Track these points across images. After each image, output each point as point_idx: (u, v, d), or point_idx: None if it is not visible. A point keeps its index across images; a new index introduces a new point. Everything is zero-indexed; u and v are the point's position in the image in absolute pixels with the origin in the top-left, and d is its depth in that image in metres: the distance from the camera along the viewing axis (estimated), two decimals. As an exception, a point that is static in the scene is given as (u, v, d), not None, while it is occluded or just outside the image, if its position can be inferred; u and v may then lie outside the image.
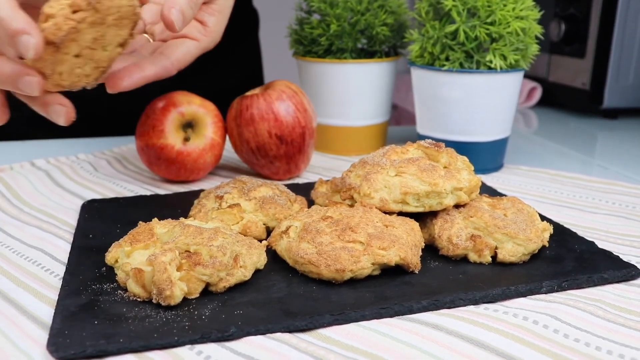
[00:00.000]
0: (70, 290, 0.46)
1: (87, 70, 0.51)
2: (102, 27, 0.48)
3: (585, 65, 1.13)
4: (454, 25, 0.73)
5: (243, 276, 0.47)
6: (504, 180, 0.78)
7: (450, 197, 0.54)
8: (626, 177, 0.81)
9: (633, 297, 0.48)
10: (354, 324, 0.43)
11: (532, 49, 0.76)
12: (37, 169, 0.78)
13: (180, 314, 0.43)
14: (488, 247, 0.52)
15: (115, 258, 0.47)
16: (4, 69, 0.49)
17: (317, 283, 0.48)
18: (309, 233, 0.50)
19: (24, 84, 0.49)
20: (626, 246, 0.58)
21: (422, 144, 0.58)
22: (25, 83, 0.49)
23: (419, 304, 0.45)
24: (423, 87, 0.79)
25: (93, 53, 0.50)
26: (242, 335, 0.41)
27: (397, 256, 0.48)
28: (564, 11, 1.16)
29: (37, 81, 0.48)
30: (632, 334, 0.43)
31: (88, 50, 0.49)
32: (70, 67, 0.50)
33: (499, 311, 0.45)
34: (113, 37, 0.50)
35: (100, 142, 0.93)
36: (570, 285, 0.49)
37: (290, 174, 0.76)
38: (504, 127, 0.79)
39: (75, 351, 0.39)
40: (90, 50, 0.50)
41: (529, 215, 0.55)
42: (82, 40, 0.48)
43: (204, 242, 0.46)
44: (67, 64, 0.49)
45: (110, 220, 0.60)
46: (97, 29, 0.48)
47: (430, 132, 0.80)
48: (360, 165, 0.58)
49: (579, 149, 0.95)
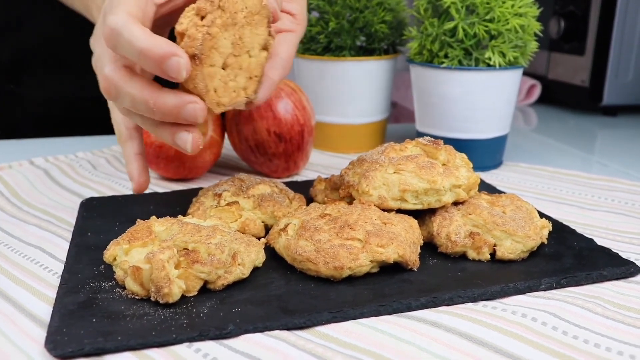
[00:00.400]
0: (69, 288, 0.46)
1: (241, 82, 0.50)
2: (236, 27, 0.48)
3: (585, 62, 1.13)
4: (453, 23, 0.73)
5: (241, 274, 0.47)
6: (503, 177, 0.78)
7: (448, 195, 0.54)
8: (626, 174, 0.81)
9: (632, 294, 0.48)
10: (353, 321, 0.43)
11: (531, 46, 0.76)
12: (35, 167, 0.78)
13: (179, 311, 0.43)
14: (487, 245, 0.52)
15: (114, 256, 0.47)
16: (168, 101, 0.47)
17: (315, 280, 0.48)
18: (307, 230, 0.50)
19: (188, 113, 0.47)
20: (625, 243, 0.58)
21: (421, 142, 0.58)
22: (190, 111, 0.47)
23: (418, 301, 0.45)
24: (422, 85, 0.79)
25: (239, 61, 0.49)
26: (240, 332, 0.41)
27: (396, 253, 0.48)
28: (564, 8, 1.16)
29: (200, 108, 0.47)
30: (631, 331, 0.43)
31: (233, 59, 0.48)
32: (223, 81, 0.49)
33: (497, 308, 0.45)
34: (252, 38, 0.49)
35: (99, 141, 0.92)
36: (569, 282, 0.49)
37: (289, 171, 0.76)
38: (503, 124, 0.79)
39: (73, 349, 0.39)
40: (235, 57, 0.49)
41: (527, 212, 0.55)
42: (222, 46, 0.47)
43: (202, 240, 0.46)
44: (218, 78, 0.48)
45: (109, 218, 0.60)
46: (232, 32, 0.48)
47: (429, 130, 0.80)
48: (358, 163, 0.58)
49: (578, 146, 0.95)
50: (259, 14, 0.49)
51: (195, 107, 0.47)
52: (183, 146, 0.49)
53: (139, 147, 0.56)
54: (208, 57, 0.47)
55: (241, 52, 0.49)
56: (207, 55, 0.47)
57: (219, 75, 0.48)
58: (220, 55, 0.48)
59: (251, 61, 0.50)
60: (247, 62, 0.50)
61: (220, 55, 0.48)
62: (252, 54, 0.50)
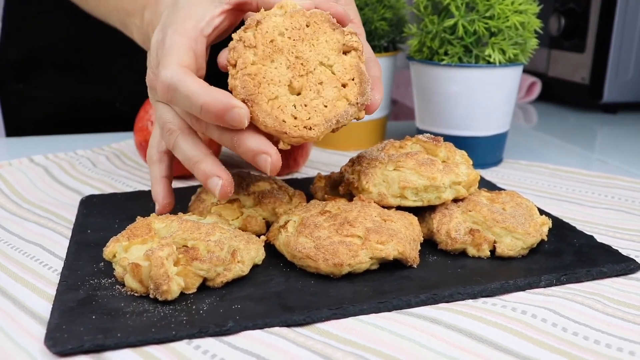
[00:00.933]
0: (68, 286, 0.46)
1: (329, 94, 0.48)
2: (283, 52, 0.48)
3: (585, 60, 1.13)
4: (453, 20, 0.73)
5: (241, 271, 0.47)
6: (503, 174, 0.77)
7: (448, 191, 0.54)
8: (626, 171, 0.81)
9: (632, 291, 0.48)
10: (352, 318, 0.43)
11: (531, 43, 0.76)
12: (35, 164, 0.78)
13: (178, 308, 0.43)
14: (487, 241, 0.52)
15: (113, 253, 0.47)
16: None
17: (315, 277, 0.48)
18: (307, 227, 0.50)
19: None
20: (625, 240, 0.58)
21: (421, 138, 0.58)
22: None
23: (418, 298, 0.45)
24: (422, 82, 0.79)
25: (315, 76, 0.48)
26: (239, 329, 0.41)
27: (396, 250, 0.48)
28: (564, 5, 1.15)
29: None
30: (631, 327, 0.43)
31: (302, 79, 0.48)
32: (302, 104, 0.48)
33: (497, 305, 0.45)
34: (317, 49, 0.49)
35: (98, 138, 0.92)
36: (569, 279, 0.49)
37: (289, 169, 0.76)
38: (503, 121, 0.79)
39: (73, 346, 0.39)
40: (304, 77, 0.48)
41: (527, 209, 0.55)
42: (274, 76, 0.47)
43: (202, 237, 0.46)
44: (291, 105, 0.47)
45: (109, 216, 0.60)
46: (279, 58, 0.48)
47: (429, 127, 0.80)
48: (358, 160, 0.58)
49: (578, 144, 0.95)
50: (312, 25, 0.49)
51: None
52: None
53: (167, 171, 0.57)
54: (260, 94, 0.47)
55: (307, 68, 0.48)
56: (257, 94, 0.47)
57: (292, 101, 0.48)
58: (278, 84, 0.47)
59: (334, 69, 0.49)
60: (327, 72, 0.49)
61: (278, 84, 0.47)
62: (329, 63, 0.49)
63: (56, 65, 0.98)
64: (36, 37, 0.97)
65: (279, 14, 0.49)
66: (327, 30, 0.49)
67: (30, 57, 0.98)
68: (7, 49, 1.00)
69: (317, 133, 0.48)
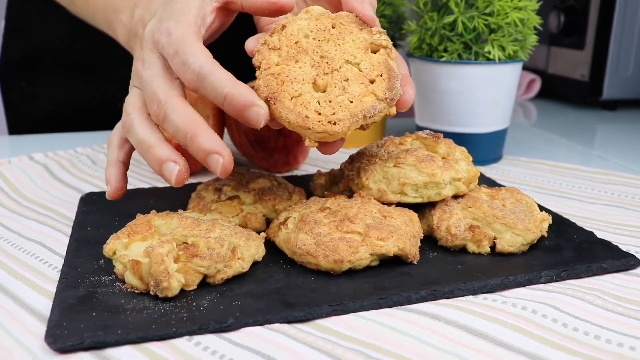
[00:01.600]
0: (69, 283, 0.46)
1: (355, 90, 0.48)
2: (307, 52, 0.48)
3: (585, 56, 1.13)
4: (452, 16, 0.73)
5: (241, 268, 0.47)
6: (503, 171, 0.77)
7: (448, 188, 0.54)
8: (625, 167, 0.81)
9: (632, 287, 0.48)
10: (353, 314, 0.43)
11: (530, 40, 0.76)
12: (35, 162, 0.78)
13: (179, 305, 0.43)
14: (487, 238, 0.52)
15: (113, 250, 0.47)
16: (201, 144, 0.47)
17: (315, 274, 0.48)
18: (307, 224, 0.50)
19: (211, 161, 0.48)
20: (625, 236, 0.58)
21: (420, 135, 0.58)
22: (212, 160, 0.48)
23: (418, 294, 0.45)
24: (421, 79, 0.79)
25: (340, 74, 0.48)
26: (240, 326, 0.41)
27: (396, 247, 0.48)
28: (563, 2, 1.15)
29: (226, 162, 0.47)
30: (631, 322, 0.43)
31: (327, 77, 0.48)
32: (327, 100, 0.48)
33: (497, 301, 0.45)
34: (343, 48, 0.49)
35: (98, 136, 0.92)
36: (569, 275, 0.49)
37: (289, 166, 0.76)
38: (503, 118, 0.78)
39: (73, 343, 0.39)
40: (329, 74, 0.48)
41: (527, 205, 0.55)
42: (298, 75, 0.48)
43: (202, 234, 0.46)
44: (315, 102, 0.47)
45: (108, 213, 0.60)
46: (304, 58, 0.48)
47: (429, 124, 0.80)
48: (358, 157, 0.58)
49: (578, 141, 0.95)
50: (338, 26, 0.49)
51: (219, 159, 0.47)
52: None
53: (126, 157, 0.56)
54: (283, 92, 0.47)
55: (332, 66, 0.48)
56: (280, 92, 0.47)
57: (316, 98, 0.48)
58: (302, 82, 0.48)
59: (360, 66, 0.49)
60: (353, 70, 0.49)
61: (302, 82, 0.48)
62: (356, 61, 0.49)
63: (59, 64, 0.98)
64: (39, 36, 0.97)
65: (304, 17, 0.49)
66: (353, 30, 0.49)
67: (33, 55, 0.98)
68: (11, 48, 1.00)
69: (342, 128, 0.47)
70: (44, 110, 1.00)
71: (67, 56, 0.97)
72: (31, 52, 0.98)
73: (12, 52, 1.00)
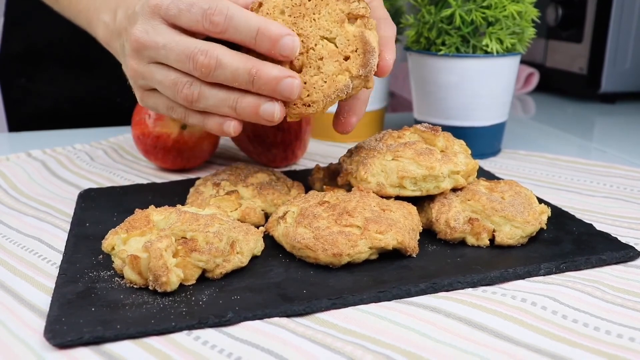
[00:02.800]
0: (67, 278, 0.46)
1: (330, 69, 0.49)
2: None
3: (583, 50, 1.12)
4: (450, 10, 0.73)
5: (240, 262, 0.47)
6: (501, 164, 0.77)
7: (447, 181, 0.54)
8: (624, 160, 0.81)
9: (631, 278, 0.48)
10: (352, 307, 0.43)
11: (528, 33, 0.76)
12: (33, 159, 0.78)
13: (178, 300, 0.43)
14: (486, 230, 0.52)
15: (112, 245, 0.47)
16: (271, 72, 0.48)
17: (314, 268, 0.48)
18: (305, 218, 0.50)
19: (285, 87, 0.48)
20: (624, 228, 0.58)
21: (419, 128, 0.58)
22: (287, 85, 0.48)
23: (417, 287, 0.45)
24: (419, 73, 0.78)
25: (315, 52, 0.49)
26: (239, 320, 0.41)
27: (395, 240, 0.48)
28: (561, -5, 1.15)
29: (297, 83, 0.48)
30: (630, 314, 0.43)
31: (302, 57, 0.48)
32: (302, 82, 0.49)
33: (497, 293, 0.45)
34: (317, 23, 0.49)
35: (96, 132, 0.92)
36: (569, 267, 0.49)
37: (288, 161, 0.76)
38: (502, 111, 0.78)
39: (72, 338, 0.39)
40: (304, 54, 0.49)
41: (526, 198, 0.55)
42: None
43: (200, 229, 0.46)
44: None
45: (107, 209, 0.60)
46: None
47: (427, 118, 0.80)
48: (356, 151, 0.58)
49: (576, 133, 0.95)
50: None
51: (294, 82, 0.48)
52: (270, 117, 0.49)
53: None
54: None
55: (308, 45, 0.48)
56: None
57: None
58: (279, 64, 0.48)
59: (336, 42, 0.49)
60: (328, 47, 0.49)
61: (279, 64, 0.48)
62: (331, 36, 0.49)
63: (58, 60, 0.97)
64: (38, 32, 0.97)
65: None
66: (329, 1, 0.49)
67: (32, 51, 0.98)
68: (10, 44, 1.00)
69: (316, 109, 0.50)
70: (44, 106, 1.00)
71: (66, 52, 0.97)
72: (30, 48, 0.98)
73: (11, 49, 0.99)
